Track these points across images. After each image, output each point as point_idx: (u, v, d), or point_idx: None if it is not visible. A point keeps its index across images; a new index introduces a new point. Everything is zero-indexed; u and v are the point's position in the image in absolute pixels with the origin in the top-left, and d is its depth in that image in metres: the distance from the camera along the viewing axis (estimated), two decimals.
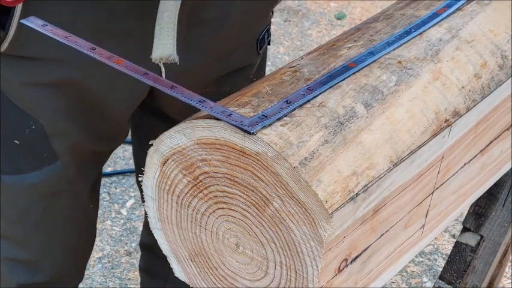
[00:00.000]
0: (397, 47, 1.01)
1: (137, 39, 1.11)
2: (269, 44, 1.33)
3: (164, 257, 1.01)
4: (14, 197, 1.26)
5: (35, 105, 1.16)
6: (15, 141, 1.19)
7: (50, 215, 1.28)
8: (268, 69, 3.34)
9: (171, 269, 1.02)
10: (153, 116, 1.35)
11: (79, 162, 1.24)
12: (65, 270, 1.40)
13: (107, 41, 1.10)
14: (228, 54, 1.23)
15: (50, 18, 1.06)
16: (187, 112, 1.28)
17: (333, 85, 0.92)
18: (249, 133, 0.82)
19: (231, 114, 0.85)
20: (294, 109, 0.88)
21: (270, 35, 1.30)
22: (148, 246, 1.66)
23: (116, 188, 2.65)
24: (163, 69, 1.12)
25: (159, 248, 1.01)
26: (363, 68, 0.96)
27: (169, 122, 1.30)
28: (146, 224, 1.69)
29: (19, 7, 1.05)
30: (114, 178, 2.70)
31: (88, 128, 1.21)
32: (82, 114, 1.19)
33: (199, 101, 0.87)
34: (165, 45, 1.09)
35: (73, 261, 1.40)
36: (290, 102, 0.88)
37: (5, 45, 1.09)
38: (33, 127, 1.17)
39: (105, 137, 1.25)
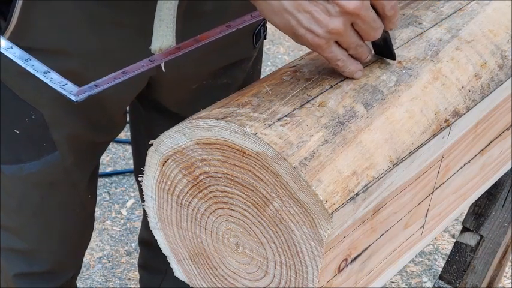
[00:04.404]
0: (398, 47, 1.01)
1: (136, 30, 1.12)
2: (265, 38, 1.33)
3: (163, 253, 1.01)
4: (12, 187, 1.26)
5: (34, 95, 1.16)
6: (15, 131, 1.19)
7: (48, 204, 1.28)
8: (268, 69, 3.34)
9: (170, 264, 1.03)
10: (151, 109, 1.35)
11: (77, 152, 1.24)
12: (63, 260, 1.40)
13: (106, 32, 1.10)
14: (225, 47, 1.23)
15: (51, 8, 1.07)
16: (184, 104, 1.29)
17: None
18: (73, 101, 0.87)
19: (66, 84, 0.91)
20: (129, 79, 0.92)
21: (266, 28, 1.31)
22: (147, 242, 1.66)
23: (116, 188, 2.65)
24: (162, 63, 1.12)
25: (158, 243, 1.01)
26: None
27: (167, 114, 1.31)
28: (145, 220, 1.69)
29: (19, 2, 1.06)
30: (114, 178, 2.70)
31: (86, 117, 1.21)
32: (80, 104, 1.19)
33: (44, 73, 0.94)
34: (164, 37, 1.09)
35: (70, 251, 1.41)
36: (126, 72, 0.90)
37: (6, 36, 1.10)
38: (33, 116, 1.17)
39: (103, 127, 1.26)
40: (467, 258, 1.37)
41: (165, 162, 0.92)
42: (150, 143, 0.92)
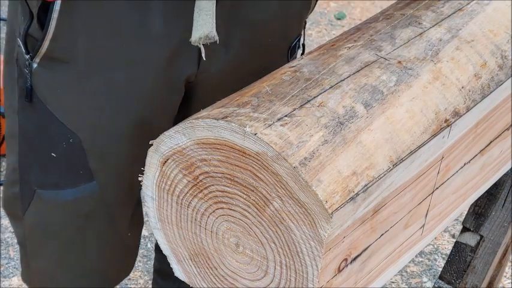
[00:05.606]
0: (398, 47, 1.01)
1: (182, 21, 1.09)
2: (303, 54, 1.30)
3: None
4: (48, 213, 1.21)
5: (73, 117, 1.12)
6: (52, 154, 1.15)
7: (84, 236, 1.22)
8: None
9: None
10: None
11: (118, 184, 1.18)
12: None
13: (151, 21, 1.08)
14: (262, 57, 1.20)
15: (89, 8, 1.05)
16: None
17: None
18: None
19: None
20: None
21: (304, 46, 1.28)
22: None
23: None
24: (203, 50, 1.09)
25: None
26: None
27: None
28: None
29: (58, 3, 1.04)
30: None
31: (128, 146, 1.15)
32: (124, 131, 1.14)
33: None
34: (203, 25, 1.06)
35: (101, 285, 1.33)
36: None
37: (45, 44, 1.08)
38: (71, 140, 1.13)
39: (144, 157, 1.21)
40: (467, 258, 1.37)
41: (165, 162, 0.92)
42: (150, 143, 0.92)
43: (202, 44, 1.10)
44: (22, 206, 1.23)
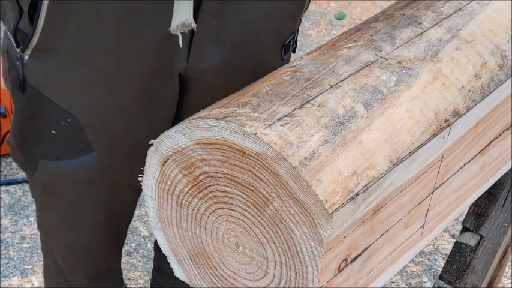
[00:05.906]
0: (398, 47, 1.01)
1: (169, 14, 1.12)
2: (294, 52, 1.32)
3: None
4: (51, 178, 1.28)
5: (68, 100, 1.17)
6: (52, 131, 1.21)
7: (86, 200, 1.30)
8: None
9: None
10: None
11: (116, 153, 1.24)
12: (103, 254, 1.44)
13: (131, 21, 1.10)
14: (255, 54, 1.22)
15: (77, 12, 1.07)
16: None
17: None
18: None
19: None
20: None
21: (296, 42, 1.30)
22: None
23: None
24: (180, 38, 1.12)
25: None
26: None
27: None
28: None
29: (45, 2, 1.07)
30: None
31: (126, 123, 1.20)
32: (118, 111, 1.19)
33: None
34: (181, 14, 1.10)
35: (109, 243, 1.44)
36: None
37: (36, 37, 1.11)
38: (68, 120, 1.18)
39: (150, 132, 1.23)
40: (467, 258, 1.37)
41: (165, 162, 0.92)
42: (150, 143, 0.92)
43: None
44: (30, 170, 1.31)
